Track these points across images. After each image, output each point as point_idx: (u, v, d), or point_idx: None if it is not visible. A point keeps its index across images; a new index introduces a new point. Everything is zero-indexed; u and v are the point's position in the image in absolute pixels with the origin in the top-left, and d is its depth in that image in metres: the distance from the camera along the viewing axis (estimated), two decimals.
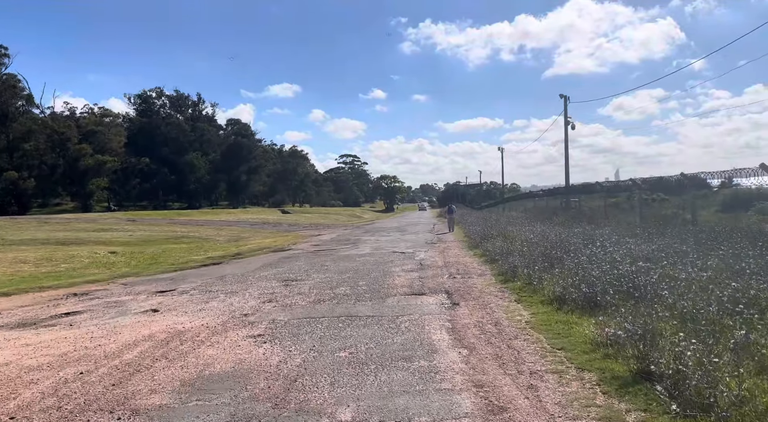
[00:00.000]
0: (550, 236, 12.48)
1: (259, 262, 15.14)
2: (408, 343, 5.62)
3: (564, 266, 8.52)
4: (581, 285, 6.82)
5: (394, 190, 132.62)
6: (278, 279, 11.04)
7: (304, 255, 16.52)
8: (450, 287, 9.25)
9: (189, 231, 35.98)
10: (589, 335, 5.30)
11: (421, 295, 8.63)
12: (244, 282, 10.92)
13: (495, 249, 12.90)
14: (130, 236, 33.06)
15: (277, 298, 8.72)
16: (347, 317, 7.06)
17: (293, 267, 13.18)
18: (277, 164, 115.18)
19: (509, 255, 11.35)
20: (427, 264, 12.83)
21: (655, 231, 13.57)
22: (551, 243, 11.50)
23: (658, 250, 9.21)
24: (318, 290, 9.41)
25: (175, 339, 6.20)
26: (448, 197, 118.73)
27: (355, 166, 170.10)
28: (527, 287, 8.30)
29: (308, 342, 5.78)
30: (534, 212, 32.17)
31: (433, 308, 7.55)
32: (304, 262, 14.38)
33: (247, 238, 28.69)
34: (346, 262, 13.99)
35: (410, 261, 13.65)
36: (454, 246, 17.71)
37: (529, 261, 9.65)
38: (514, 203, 51.32)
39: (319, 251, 18.11)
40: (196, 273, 13.22)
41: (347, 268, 12.58)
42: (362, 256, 15.53)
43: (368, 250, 17.55)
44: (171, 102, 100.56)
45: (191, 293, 9.81)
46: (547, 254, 9.91)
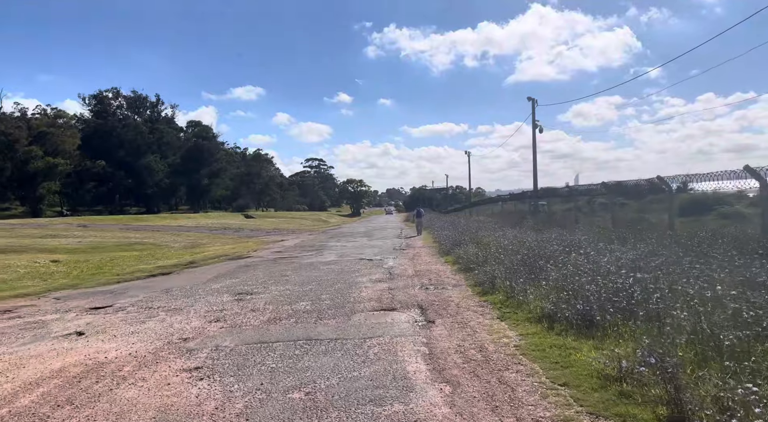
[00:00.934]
0: (527, 242, 11.70)
1: (213, 272, 13.88)
2: (378, 377, 4.63)
3: (549, 277, 7.68)
4: (574, 301, 5.97)
5: (360, 195, 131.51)
6: (231, 293, 9.87)
7: (264, 264, 15.32)
8: (423, 301, 8.30)
9: (143, 238, 34.06)
10: (594, 365, 4.42)
11: (392, 311, 7.65)
12: (191, 296, 9.71)
13: (469, 257, 12.04)
14: (78, 243, 31.01)
15: (226, 317, 7.58)
16: (306, 341, 6.01)
17: (250, 278, 12.00)
18: (241, 167, 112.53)
19: (485, 264, 10.50)
20: (397, 274, 11.87)
21: (631, 236, 13.00)
22: (529, 249, 10.71)
23: (644, 258, 8.51)
24: (275, 306, 8.32)
25: (92, 374, 5.03)
26: (415, 201, 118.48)
27: (321, 169, 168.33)
28: (509, 301, 7.41)
29: (255, 378, 4.71)
30: (502, 216, 31.69)
31: (405, 327, 6.58)
32: (262, 272, 13.21)
33: (204, 245, 27.15)
34: (308, 271, 12.90)
35: (378, 270, 12.67)
36: (424, 253, 16.82)
37: (509, 270, 8.80)
38: (482, 207, 51.05)
39: (280, 259, 16.93)
40: (141, 286, 11.90)
41: (310, 278, 11.49)
42: (327, 264, 14.46)
43: (333, 257, 16.47)
44: (128, 103, 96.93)
45: (128, 310, 8.56)
46: (527, 262, 9.08)
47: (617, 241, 12.11)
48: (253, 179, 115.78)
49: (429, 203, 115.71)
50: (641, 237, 12.51)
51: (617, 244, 11.54)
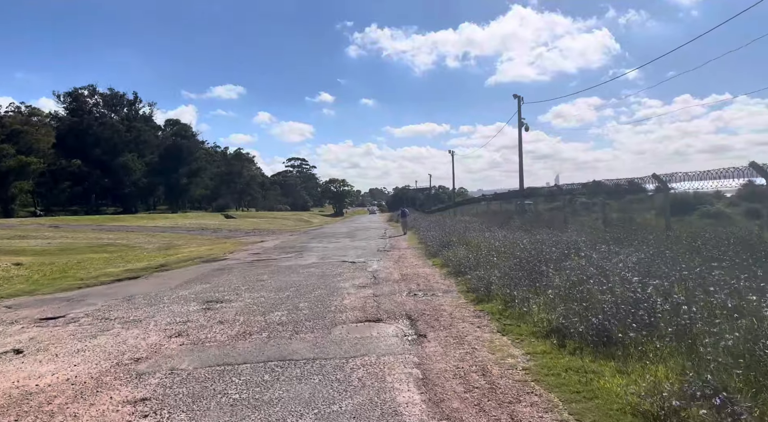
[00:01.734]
0: (520, 243, 10.96)
1: (184, 276, 12.91)
2: (363, 411, 3.80)
3: (552, 283, 6.93)
4: (585, 313, 5.21)
5: (343, 194, 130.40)
6: (200, 301, 8.94)
7: (240, 267, 14.37)
8: (412, 310, 7.48)
9: (116, 239, 32.73)
10: (625, 397, 3.65)
11: (378, 322, 6.82)
12: (155, 304, 8.76)
13: (459, 260, 11.27)
14: (48, 244, 29.65)
15: (189, 330, 6.68)
16: (279, 362, 5.15)
17: (223, 283, 11.07)
18: (221, 167, 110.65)
19: (477, 268, 9.74)
20: (382, 278, 11.04)
21: (624, 236, 12.38)
22: (524, 251, 9.97)
23: (650, 262, 7.82)
24: (246, 316, 7.43)
25: (11, 410, 4.11)
26: (398, 201, 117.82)
27: (304, 169, 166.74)
28: (509, 311, 6.63)
29: (213, 415, 3.84)
30: (488, 216, 31.07)
31: (393, 343, 5.75)
32: (237, 276, 12.28)
33: (180, 246, 26.01)
34: (287, 276, 12.00)
35: (362, 274, 11.83)
36: (410, 255, 16.02)
37: (505, 275, 8.03)
38: (467, 207, 50.49)
39: (257, 261, 15.98)
40: (103, 292, 10.89)
41: (288, 284, 10.60)
42: (307, 267, 13.57)
43: (314, 260, 15.59)
44: (105, 101, 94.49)
45: (81, 322, 7.59)
46: (525, 266, 8.32)
47: (612, 242, 11.46)
48: (233, 178, 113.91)
49: (412, 203, 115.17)
50: (637, 238, 11.89)
51: (613, 246, 10.88)
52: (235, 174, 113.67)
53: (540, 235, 14.60)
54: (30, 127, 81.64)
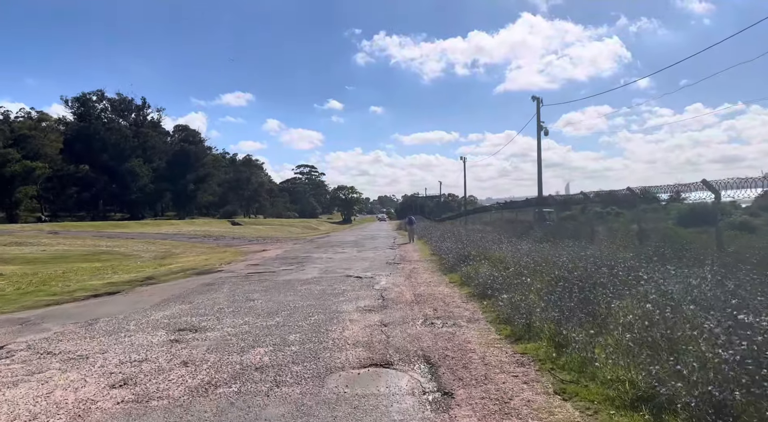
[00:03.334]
0: (558, 260, 9.26)
1: (166, 293, 11.35)
2: None
3: (618, 318, 5.25)
4: (690, 373, 3.55)
5: (351, 201, 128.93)
6: (171, 328, 7.36)
7: (232, 282, 12.80)
8: (431, 347, 5.84)
9: (114, 246, 31.41)
10: None
11: (387, 368, 5.18)
12: (116, 332, 7.19)
13: (482, 278, 9.60)
14: (42, 251, 28.39)
15: (139, 377, 5.08)
16: None
17: (206, 304, 9.48)
18: (229, 173, 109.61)
19: (508, 289, 8.08)
20: (392, 298, 9.40)
21: (671, 253, 10.66)
22: (562, 269, 8.29)
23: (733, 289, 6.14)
24: (219, 355, 5.82)
25: None
26: (407, 209, 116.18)
27: (313, 176, 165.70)
28: (563, 358, 4.94)
29: None
30: (502, 225, 29.35)
31: (409, 408, 4.11)
32: (225, 294, 10.69)
33: (177, 255, 24.54)
34: (282, 294, 10.40)
35: (368, 293, 10.19)
36: (422, 269, 14.36)
37: (548, 303, 6.36)
38: (478, 215, 48.74)
39: (254, 274, 14.41)
40: (68, 312, 9.36)
41: (280, 305, 9.00)
42: (306, 283, 11.97)
43: (316, 273, 13.98)
44: (113, 106, 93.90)
45: (15, 357, 6.03)
46: (567, 289, 6.65)
47: (659, 260, 9.76)
48: (242, 185, 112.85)
49: (421, 210, 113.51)
50: (685, 255, 10.19)
51: (658, 263, 9.19)
52: (243, 180, 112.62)
53: (569, 249, 12.94)
54: (38, 132, 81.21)
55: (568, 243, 15.18)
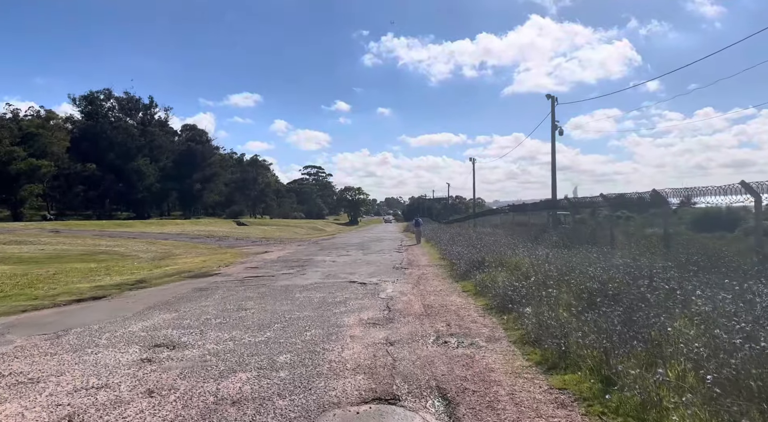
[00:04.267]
0: (588, 270, 8.22)
1: (154, 298, 10.44)
2: None
3: (678, 345, 4.24)
4: None
5: (358, 203, 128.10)
6: (146, 344, 6.42)
7: (226, 287, 11.87)
8: (446, 376, 4.86)
9: (114, 246, 30.66)
10: None
11: (392, 404, 4.21)
12: (84, 348, 6.26)
13: (499, 288, 8.59)
14: (40, 251, 27.66)
15: (89, 412, 4.12)
16: None
17: (192, 313, 8.55)
18: (236, 173, 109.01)
19: (531, 301, 7.08)
20: (399, 310, 8.42)
21: (705, 261, 9.62)
22: (593, 280, 7.28)
23: None
24: (193, 380, 4.88)
25: None
26: (414, 211, 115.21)
27: (320, 177, 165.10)
28: (616, 396, 3.94)
29: None
30: (513, 228, 28.28)
31: None
32: (216, 301, 9.76)
33: (176, 256, 23.67)
34: (277, 302, 9.45)
35: (373, 303, 9.22)
36: (431, 275, 13.35)
37: (581, 321, 5.35)
38: (487, 218, 47.65)
39: (251, 278, 13.48)
40: (41, 321, 8.46)
41: (274, 317, 8.04)
42: (306, 290, 11.01)
43: (317, 279, 13.02)
44: (120, 105, 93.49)
45: None
46: (608, 306, 5.63)
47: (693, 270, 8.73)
48: (248, 185, 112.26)
49: (428, 213, 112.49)
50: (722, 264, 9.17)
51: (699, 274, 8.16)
52: (250, 181, 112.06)
53: (591, 255, 11.94)
54: (45, 131, 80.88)
55: (588, 249, 14.19)
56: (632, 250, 14.34)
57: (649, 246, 14.59)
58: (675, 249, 13.13)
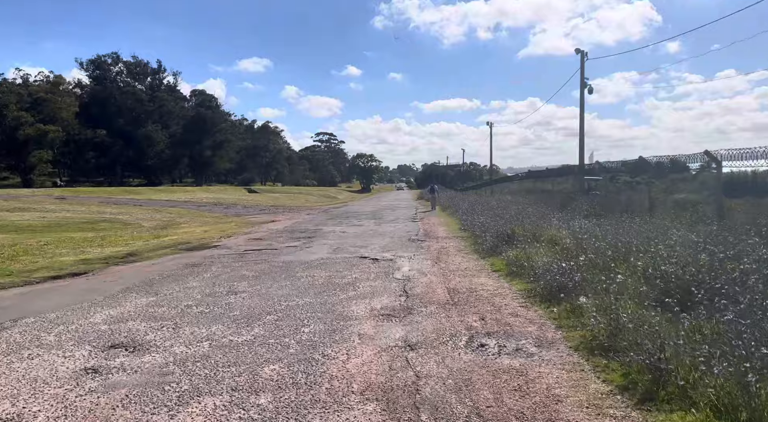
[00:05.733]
0: (657, 250, 6.64)
1: (138, 276, 9.12)
2: None
3: None
4: None
5: (371, 170, 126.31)
6: (101, 343, 5.06)
7: (222, 262, 10.51)
8: (495, 413, 3.41)
9: (118, 214, 29.57)
10: None
11: None
12: (19, 351, 4.90)
13: (541, 269, 7.07)
14: (41, 218, 26.61)
15: None
16: None
17: (174, 296, 7.19)
18: (247, 140, 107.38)
19: (587, 289, 5.58)
20: (418, 295, 6.97)
21: None
22: (671, 262, 5.74)
23: None
24: (138, 412, 3.49)
25: None
26: (427, 178, 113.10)
27: (332, 144, 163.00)
28: None
29: None
30: (537, 196, 26.59)
31: None
32: (206, 281, 8.39)
33: (179, 224, 22.46)
34: (276, 283, 8.06)
35: (387, 285, 7.78)
36: (453, 249, 11.86)
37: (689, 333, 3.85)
38: (504, 185, 45.83)
39: (251, 252, 12.12)
40: None
41: (268, 303, 6.64)
42: (310, 267, 9.61)
43: (324, 253, 11.62)
44: (128, 69, 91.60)
45: None
46: (714, 305, 4.12)
47: None
48: (259, 152, 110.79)
49: (442, 180, 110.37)
50: None
51: None
52: (261, 147, 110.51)
53: (637, 225, 10.36)
54: (54, 96, 79.51)
55: (629, 219, 12.61)
56: (682, 220, 12.73)
57: (698, 216, 12.96)
58: (732, 219, 11.50)
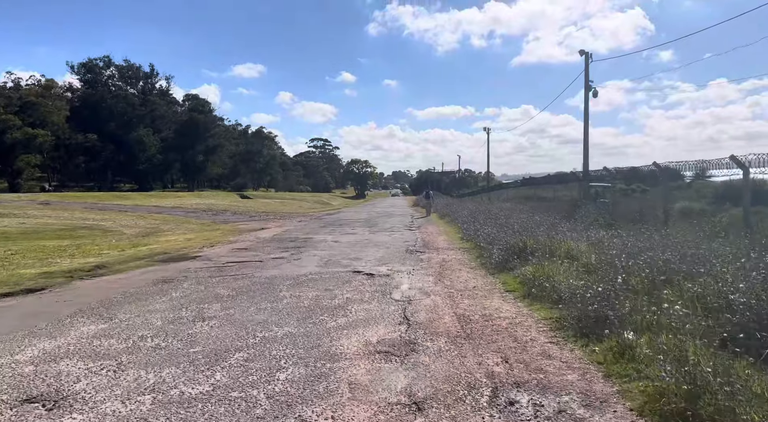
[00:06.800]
0: (711, 271, 5.53)
1: (94, 296, 7.92)
2: None
3: None
4: None
5: (365, 176, 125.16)
6: (12, 398, 3.87)
7: (197, 278, 9.31)
8: None
9: (101, 220, 28.29)
10: None
11: None
12: None
13: (567, 292, 5.94)
14: (19, 225, 25.31)
15: None
16: None
17: (130, 325, 6.00)
18: (241, 145, 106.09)
19: (627, 319, 4.45)
20: (422, 323, 5.82)
21: None
22: (739, 291, 4.63)
23: None
24: None
25: None
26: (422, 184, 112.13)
27: (326, 150, 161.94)
28: None
29: None
30: (535, 203, 25.54)
31: None
32: (172, 303, 7.20)
33: (161, 233, 21.20)
34: (254, 305, 6.88)
35: (384, 309, 6.61)
36: (455, 262, 10.71)
37: None
38: (503, 191, 44.81)
39: (232, 264, 10.93)
40: None
41: (240, 335, 5.47)
42: (296, 285, 8.44)
43: (313, 266, 10.44)
44: (120, 73, 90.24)
45: None
46: None
47: None
48: (253, 157, 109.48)
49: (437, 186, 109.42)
50: None
51: None
52: (254, 153, 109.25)
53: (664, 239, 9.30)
54: (45, 100, 78.03)
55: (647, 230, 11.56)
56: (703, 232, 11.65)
57: (722, 227, 11.89)
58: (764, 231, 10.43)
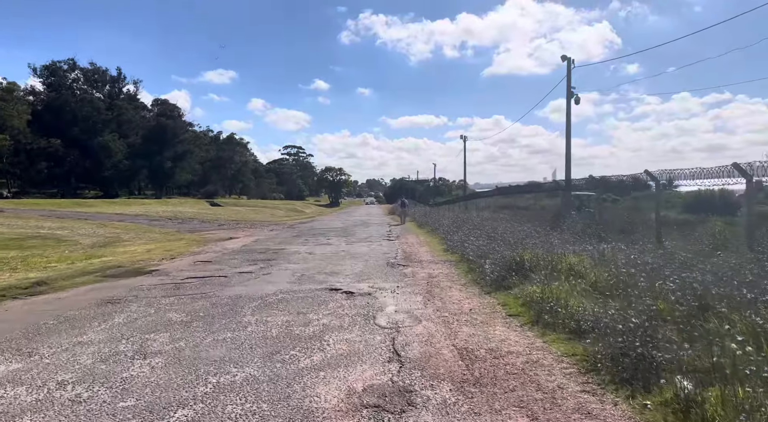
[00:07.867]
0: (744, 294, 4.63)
1: (22, 322, 6.61)
2: None
3: None
4: None
5: (339, 184, 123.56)
6: None
7: (148, 298, 8.04)
8: None
9: (57, 229, 26.39)
10: None
11: None
12: None
13: (586, 317, 4.96)
14: None
15: None
16: None
17: (49, 366, 4.76)
18: (211, 151, 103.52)
19: (674, 359, 3.47)
20: (416, 360, 4.74)
21: None
22: None
23: None
24: None
25: None
26: (396, 192, 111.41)
27: (300, 157, 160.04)
28: None
29: None
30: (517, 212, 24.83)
31: None
32: (111, 333, 5.96)
33: (120, 243, 19.63)
34: (211, 336, 5.70)
35: (368, 340, 5.51)
36: (443, 277, 9.67)
37: None
38: (480, 200, 44.18)
39: (193, 281, 9.66)
40: None
41: (186, 382, 4.30)
42: (264, 306, 7.27)
43: (285, 284, 9.26)
44: (86, 76, 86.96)
45: None
46: None
47: None
48: (224, 164, 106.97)
49: (411, 195, 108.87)
50: None
51: None
52: (226, 159, 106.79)
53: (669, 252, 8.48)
54: (5, 103, 74.61)
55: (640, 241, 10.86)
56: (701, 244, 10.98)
57: (721, 239, 11.20)
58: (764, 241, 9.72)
